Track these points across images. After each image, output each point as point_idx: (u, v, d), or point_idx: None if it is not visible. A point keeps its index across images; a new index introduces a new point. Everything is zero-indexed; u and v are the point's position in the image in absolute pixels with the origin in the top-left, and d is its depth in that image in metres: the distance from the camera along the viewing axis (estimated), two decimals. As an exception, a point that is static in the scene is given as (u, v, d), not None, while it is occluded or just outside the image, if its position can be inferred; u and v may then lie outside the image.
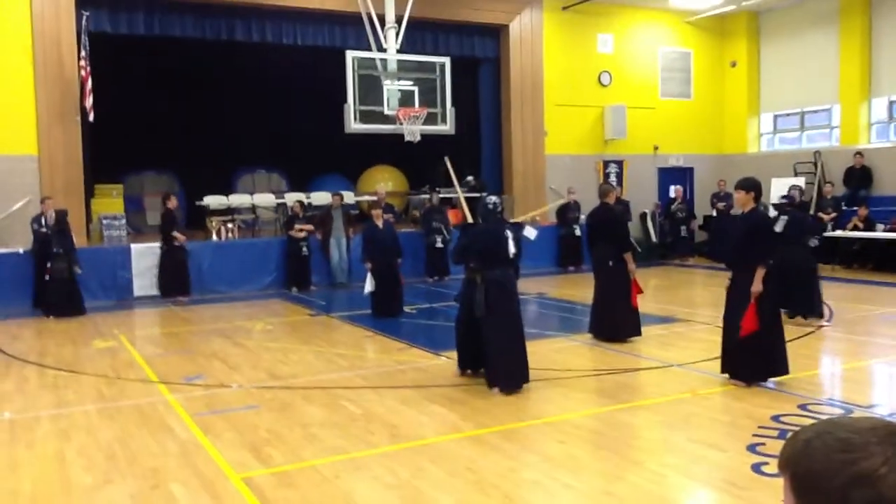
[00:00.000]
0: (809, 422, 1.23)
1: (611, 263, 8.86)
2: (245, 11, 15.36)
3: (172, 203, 13.85)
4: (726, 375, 7.03)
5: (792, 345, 8.69)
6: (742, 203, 6.98)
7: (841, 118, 17.97)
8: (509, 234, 7.11)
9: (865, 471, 1.08)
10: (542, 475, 4.88)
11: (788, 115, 19.50)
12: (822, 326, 9.54)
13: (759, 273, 6.69)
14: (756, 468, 4.83)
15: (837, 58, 17.85)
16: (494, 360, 6.96)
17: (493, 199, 7.35)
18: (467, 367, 7.52)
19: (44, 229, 12.43)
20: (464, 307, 7.41)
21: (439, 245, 15.06)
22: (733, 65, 20.16)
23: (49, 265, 11.89)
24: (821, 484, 1.11)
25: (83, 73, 13.50)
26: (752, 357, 6.79)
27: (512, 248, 7.04)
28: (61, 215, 12.12)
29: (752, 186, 6.92)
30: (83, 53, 13.51)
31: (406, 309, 11.50)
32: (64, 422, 6.33)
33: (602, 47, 18.83)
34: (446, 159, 8.95)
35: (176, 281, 13.45)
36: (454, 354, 8.39)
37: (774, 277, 7.44)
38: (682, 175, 19.90)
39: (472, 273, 7.26)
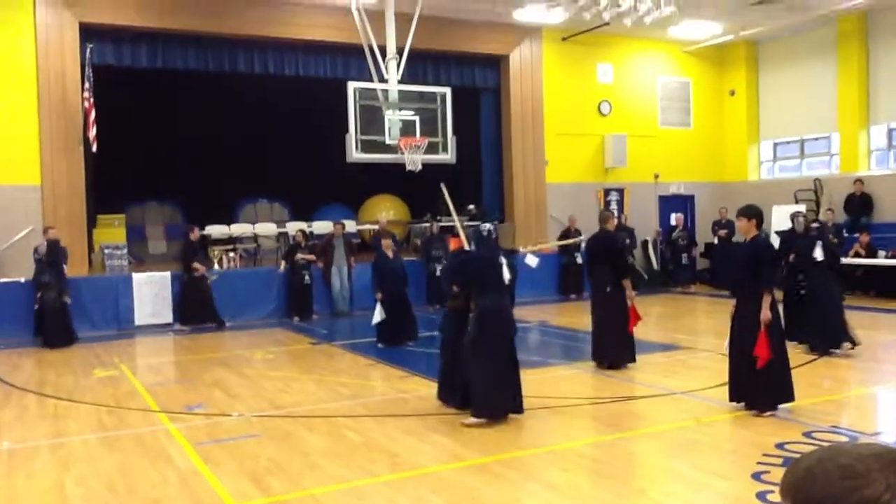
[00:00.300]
0: (810, 451, 1.22)
1: (608, 289, 8.87)
2: (247, 43, 15.52)
3: (195, 234, 14.05)
4: (734, 404, 6.97)
5: (796, 372, 8.66)
6: (744, 230, 6.99)
7: (840, 146, 18.05)
8: (503, 260, 7.00)
9: (868, 498, 1.06)
10: (544, 504, 4.84)
11: (788, 142, 19.59)
12: (825, 354, 9.48)
13: (766, 300, 6.65)
14: (761, 497, 4.79)
15: (836, 86, 17.97)
16: (478, 388, 6.69)
17: (488, 226, 7.28)
18: (448, 400, 7.27)
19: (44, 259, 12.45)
20: (447, 339, 7.37)
21: (439, 274, 15.04)
22: (732, 93, 20.30)
23: (39, 295, 11.89)
24: None
25: (86, 104, 13.61)
26: (765, 385, 6.72)
27: (507, 275, 6.93)
28: (52, 245, 12.14)
29: (754, 214, 6.92)
30: (87, 85, 13.64)
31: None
32: (64, 451, 6.29)
33: (602, 77, 18.98)
34: (442, 186, 8.99)
35: (201, 310, 13.57)
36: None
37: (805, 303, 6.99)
38: (682, 203, 19.95)
39: (455, 301, 7.28)
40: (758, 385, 6.73)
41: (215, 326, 13.47)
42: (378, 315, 10.79)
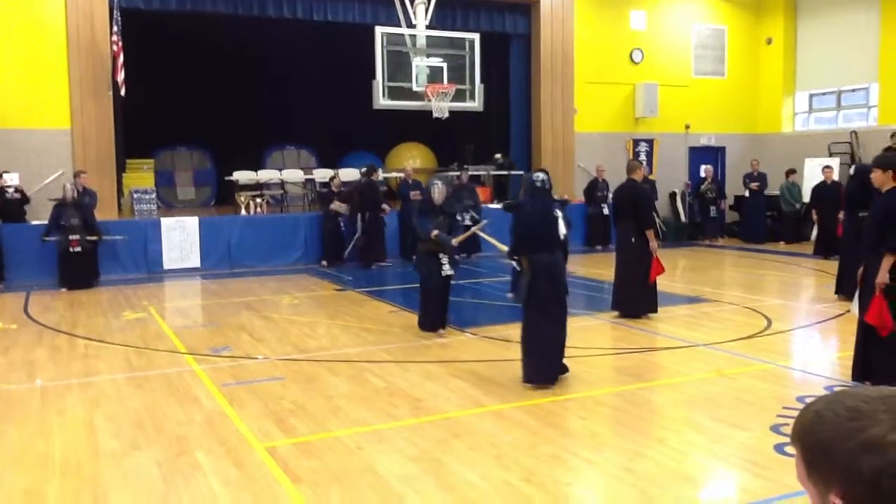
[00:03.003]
0: (820, 396, 1.23)
1: (633, 240, 8.85)
2: (275, -13, 15.36)
3: (377, 176, 14.66)
4: (759, 358, 6.93)
5: (822, 326, 8.62)
6: (880, 182, 6.21)
7: (879, 97, 17.58)
8: (559, 213, 6.43)
9: (873, 437, 1.07)
10: (562, 450, 4.89)
11: (824, 93, 19.12)
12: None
13: (886, 262, 5.92)
14: (779, 448, 4.80)
15: (877, 35, 17.43)
16: (534, 355, 6.32)
17: (541, 175, 6.58)
18: (439, 326, 8.33)
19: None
20: (423, 277, 8.33)
21: (468, 223, 15.02)
22: (769, 42, 19.79)
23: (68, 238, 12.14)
24: (830, 452, 1.12)
25: (115, 48, 13.62)
26: (889, 356, 5.97)
27: (563, 230, 6.41)
28: (88, 191, 12.50)
29: (892, 164, 6.16)
30: (115, 28, 13.62)
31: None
32: (94, 390, 6.45)
33: (635, 24, 18.58)
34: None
35: (375, 248, 14.22)
36: (479, 330, 8.52)
37: None
38: (713, 154, 19.64)
39: (426, 244, 8.17)
40: (889, 358, 5.94)
41: (388, 265, 14.30)
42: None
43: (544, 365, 6.30)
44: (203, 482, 4.46)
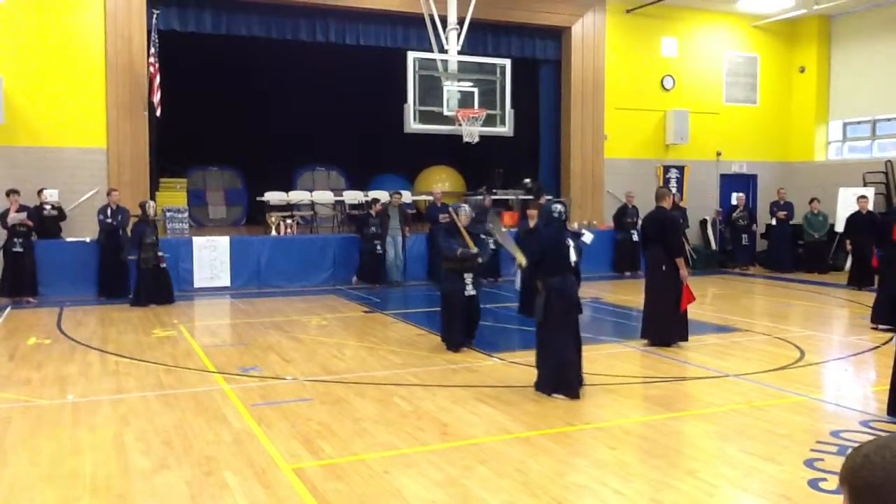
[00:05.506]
0: (870, 439, 1.21)
1: (664, 268, 8.79)
2: (310, 12, 15.59)
3: (488, 201, 15.70)
4: (793, 391, 6.83)
5: (856, 359, 8.48)
6: None
7: (914, 127, 17.38)
8: (570, 242, 7.10)
9: None
10: (591, 480, 4.84)
11: (859, 122, 18.93)
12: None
13: None
14: (813, 484, 4.71)
15: (912, 64, 17.27)
16: (548, 366, 6.92)
17: (559, 207, 7.26)
18: (462, 345, 8.73)
19: (109, 220, 12.88)
20: (446, 293, 8.77)
21: (492, 247, 15.00)
22: (802, 70, 19.66)
23: (139, 256, 12.32)
24: (879, 497, 1.10)
25: (152, 69, 13.88)
26: None
27: (573, 256, 7.04)
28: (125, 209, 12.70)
29: None
30: (152, 50, 13.90)
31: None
32: (124, 407, 6.51)
33: (666, 50, 18.57)
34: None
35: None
36: (507, 355, 8.48)
37: None
38: (745, 182, 19.49)
39: (450, 262, 8.65)
40: None
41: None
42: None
43: (558, 376, 6.84)
44: (231, 502, 4.47)
